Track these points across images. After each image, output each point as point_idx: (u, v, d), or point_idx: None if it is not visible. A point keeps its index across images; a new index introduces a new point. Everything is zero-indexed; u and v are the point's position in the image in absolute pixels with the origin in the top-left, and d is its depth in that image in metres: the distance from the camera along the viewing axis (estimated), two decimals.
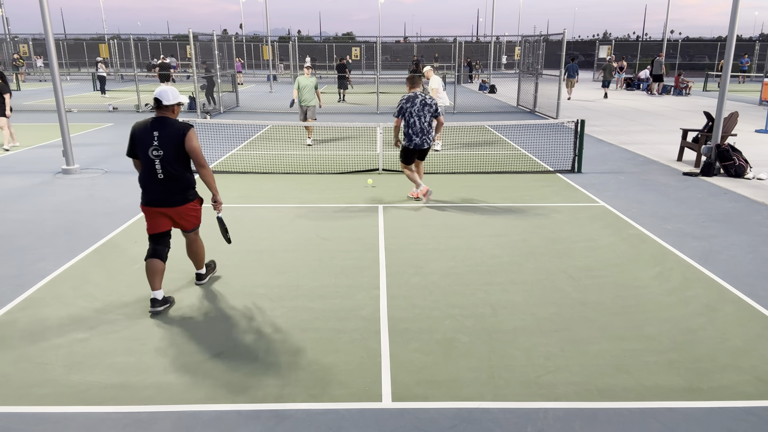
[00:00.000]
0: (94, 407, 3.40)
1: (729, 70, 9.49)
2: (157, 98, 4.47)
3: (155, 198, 4.52)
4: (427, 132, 7.54)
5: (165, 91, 4.47)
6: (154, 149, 4.40)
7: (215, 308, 4.67)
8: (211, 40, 18.54)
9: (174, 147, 4.43)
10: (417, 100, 7.46)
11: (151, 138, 4.40)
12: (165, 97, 4.46)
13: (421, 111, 7.44)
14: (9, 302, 4.75)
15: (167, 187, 4.49)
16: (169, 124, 4.45)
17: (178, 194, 4.55)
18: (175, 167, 4.46)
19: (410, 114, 7.46)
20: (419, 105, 7.45)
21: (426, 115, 7.47)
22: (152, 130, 4.41)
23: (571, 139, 10.74)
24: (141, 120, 4.56)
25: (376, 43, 21.02)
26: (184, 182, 4.56)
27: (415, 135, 7.53)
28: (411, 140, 7.56)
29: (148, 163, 4.45)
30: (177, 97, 4.52)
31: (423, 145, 7.58)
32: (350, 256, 5.82)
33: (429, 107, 7.48)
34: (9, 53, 35.08)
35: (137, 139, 4.45)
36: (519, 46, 29.14)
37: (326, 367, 3.81)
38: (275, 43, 41.13)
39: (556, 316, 4.55)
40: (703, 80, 30.32)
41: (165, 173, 4.45)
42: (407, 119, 7.50)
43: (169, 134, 4.41)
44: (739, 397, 3.49)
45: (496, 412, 3.37)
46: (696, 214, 7.38)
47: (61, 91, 9.30)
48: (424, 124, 7.50)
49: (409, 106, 7.45)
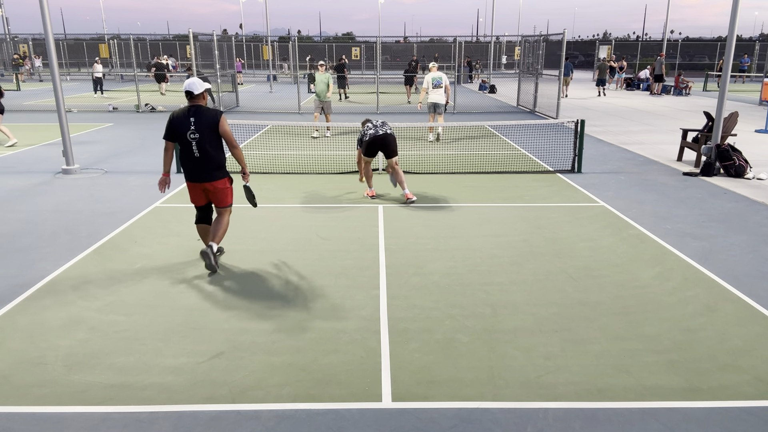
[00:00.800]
0: (94, 407, 3.40)
1: (729, 70, 9.49)
2: (189, 90, 5.19)
3: (193, 174, 5.30)
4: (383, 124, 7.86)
5: (193, 83, 5.19)
6: (191, 133, 5.16)
7: (215, 308, 4.67)
8: (211, 40, 18.55)
9: (208, 130, 5.17)
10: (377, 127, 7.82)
11: (189, 123, 5.15)
12: (194, 87, 5.19)
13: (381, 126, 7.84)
14: (9, 302, 4.75)
15: (202, 164, 5.24)
16: (203, 111, 5.20)
17: (211, 171, 5.28)
18: (208, 148, 5.20)
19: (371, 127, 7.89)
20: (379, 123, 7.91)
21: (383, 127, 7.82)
22: (189, 117, 5.16)
23: (571, 139, 10.74)
24: (178, 109, 5.30)
25: (376, 43, 21.01)
26: (216, 161, 5.29)
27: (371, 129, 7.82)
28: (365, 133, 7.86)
29: (186, 144, 5.21)
30: (204, 86, 5.27)
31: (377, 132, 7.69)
32: (350, 256, 5.82)
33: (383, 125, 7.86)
34: (9, 53, 35.09)
35: (175, 125, 5.20)
36: (519, 46, 29.13)
37: (326, 367, 3.81)
38: (275, 43, 41.12)
39: (556, 316, 4.55)
40: (703, 80, 30.33)
41: (200, 153, 5.20)
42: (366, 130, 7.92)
43: (203, 120, 5.16)
44: (739, 397, 3.49)
45: (496, 412, 3.37)
46: (696, 214, 7.38)
47: (61, 91, 9.31)
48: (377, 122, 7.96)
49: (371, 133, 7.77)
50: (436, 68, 13.20)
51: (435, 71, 13.08)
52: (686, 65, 43.03)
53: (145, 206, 7.63)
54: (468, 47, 44.40)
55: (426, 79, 13.04)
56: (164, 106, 19.89)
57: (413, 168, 9.96)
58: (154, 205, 7.68)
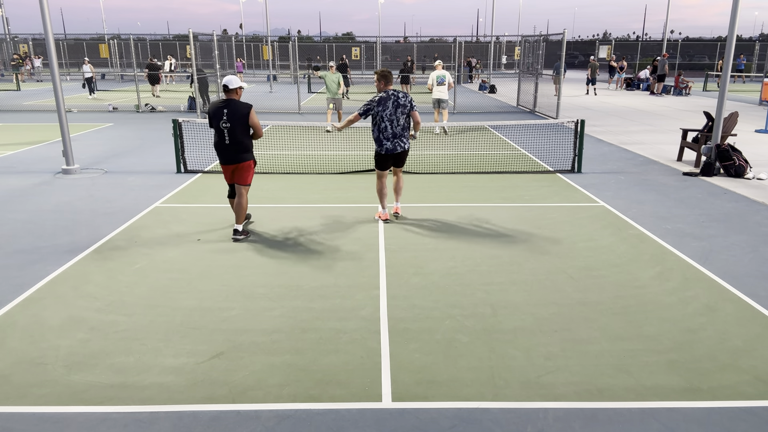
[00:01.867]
0: (94, 407, 3.40)
1: (729, 70, 9.49)
2: (225, 84, 6.14)
3: (224, 157, 6.26)
4: (399, 135, 6.75)
5: (230, 79, 6.15)
6: (223, 122, 6.08)
7: (215, 308, 4.67)
8: (211, 40, 18.55)
9: (238, 121, 6.08)
10: (389, 102, 6.64)
11: (222, 114, 6.08)
12: (230, 83, 6.14)
13: (394, 114, 6.65)
14: (9, 302, 4.75)
15: (231, 149, 6.18)
16: (234, 104, 6.12)
17: (239, 154, 6.21)
18: (237, 135, 6.12)
19: (381, 118, 6.67)
20: (392, 107, 6.64)
21: (400, 118, 6.69)
22: (222, 108, 6.09)
23: (571, 139, 10.74)
24: (216, 101, 6.30)
25: (376, 43, 21.04)
26: (243, 146, 6.22)
27: (386, 140, 6.75)
28: (382, 145, 6.78)
29: (219, 132, 6.15)
30: (238, 83, 6.19)
31: (396, 150, 6.78)
32: (350, 256, 5.82)
33: (403, 108, 6.67)
34: (9, 53, 35.08)
35: (211, 115, 6.16)
36: (519, 46, 29.12)
37: (326, 367, 3.81)
38: (275, 43, 41.11)
39: (556, 316, 4.55)
40: (703, 80, 30.33)
41: (230, 139, 6.13)
42: (378, 123, 6.73)
43: (234, 111, 6.08)
44: (739, 397, 3.49)
45: (496, 412, 3.37)
46: (696, 214, 7.38)
47: (61, 91, 9.30)
48: (396, 128, 6.71)
49: (380, 110, 6.64)
50: (441, 66, 13.95)
51: (439, 69, 13.89)
52: (686, 65, 43.02)
53: (145, 206, 7.63)
54: (468, 47, 44.37)
55: (431, 77, 13.86)
56: (164, 107, 19.89)
57: (413, 168, 9.97)
58: (154, 205, 7.68)
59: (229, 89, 6.14)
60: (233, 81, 6.14)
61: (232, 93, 6.15)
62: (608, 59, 30.93)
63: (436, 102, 13.97)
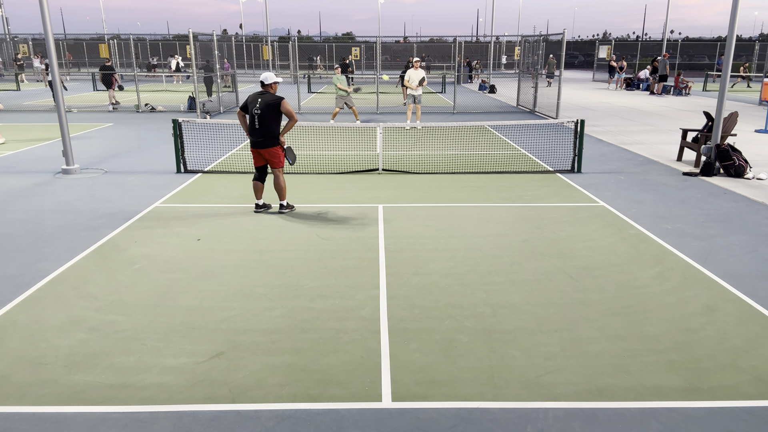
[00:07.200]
0: (94, 407, 3.40)
1: (729, 70, 9.50)
2: (261, 80, 7.05)
3: (254, 142, 7.04)
4: None
5: (267, 76, 7.06)
6: (256, 110, 6.91)
7: (215, 308, 4.67)
8: (211, 40, 18.54)
9: (268, 110, 6.90)
10: None
11: (256, 102, 6.95)
12: (265, 78, 7.04)
13: None
14: (9, 302, 4.75)
15: (261, 134, 6.97)
16: (267, 95, 6.98)
17: (268, 140, 6.99)
18: (266, 122, 6.93)
19: None
20: None
21: None
22: (257, 98, 6.96)
23: (571, 139, 10.74)
24: (254, 92, 7.09)
25: (376, 43, 21.01)
26: (271, 133, 6.98)
27: None
28: None
29: (252, 118, 6.98)
30: (274, 79, 7.07)
31: None
32: (350, 256, 5.82)
33: None
34: (9, 53, 35.06)
35: (249, 101, 7.05)
36: (519, 46, 29.11)
37: (326, 367, 3.81)
38: (275, 43, 41.11)
39: (556, 316, 4.55)
40: (703, 80, 30.34)
41: (260, 125, 6.94)
42: None
43: (266, 102, 6.92)
44: (739, 397, 3.49)
45: (496, 412, 3.37)
46: (696, 214, 7.38)
47: (61, 90, 9.30)
48: None
49: None
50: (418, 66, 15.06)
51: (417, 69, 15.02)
52: (686, 65, 43.03)
53: (145, 206, 7.64)
54: (468, 47, 44.40)
55: (412, 77, 14.76)
56: (164, 107, 19.89)
57: (413, 168, 9.97)
58: (154, 205, 7.68)
59: (265, 84, 7.02)
60: (269, 77, 7.05)
61: (267, 87, 7.02)
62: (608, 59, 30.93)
63: (411, 97, 15.11)
